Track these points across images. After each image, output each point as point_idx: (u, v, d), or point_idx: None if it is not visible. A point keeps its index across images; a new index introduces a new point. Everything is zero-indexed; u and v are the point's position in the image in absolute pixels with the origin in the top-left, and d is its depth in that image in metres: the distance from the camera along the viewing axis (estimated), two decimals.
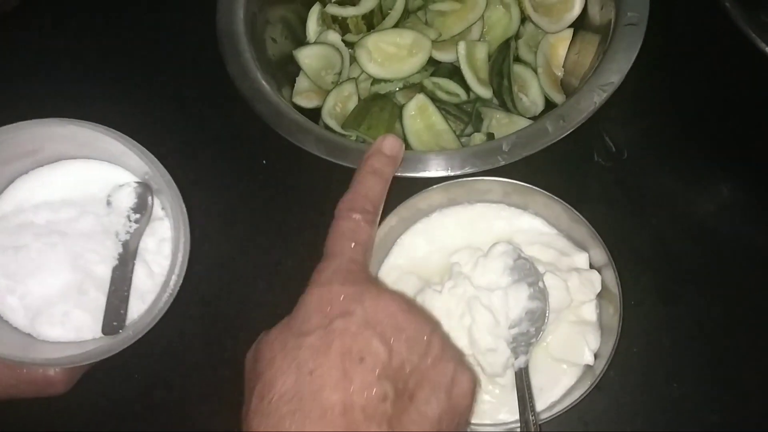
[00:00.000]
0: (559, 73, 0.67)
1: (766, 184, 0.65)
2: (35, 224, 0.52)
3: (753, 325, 0.59)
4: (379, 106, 0.63)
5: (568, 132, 0.53)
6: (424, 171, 0.54)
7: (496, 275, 0.53)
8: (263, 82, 0.59)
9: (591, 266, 0.56)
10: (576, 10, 0.65)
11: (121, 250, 0.52)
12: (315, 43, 0.69)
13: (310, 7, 0.71)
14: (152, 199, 0.55)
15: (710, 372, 0.58)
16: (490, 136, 0.62)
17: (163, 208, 0.56)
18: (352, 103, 0.65)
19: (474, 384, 0.42)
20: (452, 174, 0.54)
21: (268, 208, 0.66)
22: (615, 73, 0.55)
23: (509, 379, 0.52)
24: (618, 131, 0.67)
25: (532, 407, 0.49)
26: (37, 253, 0.50)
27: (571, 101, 0.55)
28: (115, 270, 0.52)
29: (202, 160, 0.69)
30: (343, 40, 0.68)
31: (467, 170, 0.54)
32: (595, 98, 0.54)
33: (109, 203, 0.54)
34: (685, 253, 0.62)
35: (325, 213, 0.65)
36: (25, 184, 0.55)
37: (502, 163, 0.53)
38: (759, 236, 0.62)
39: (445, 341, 0.42)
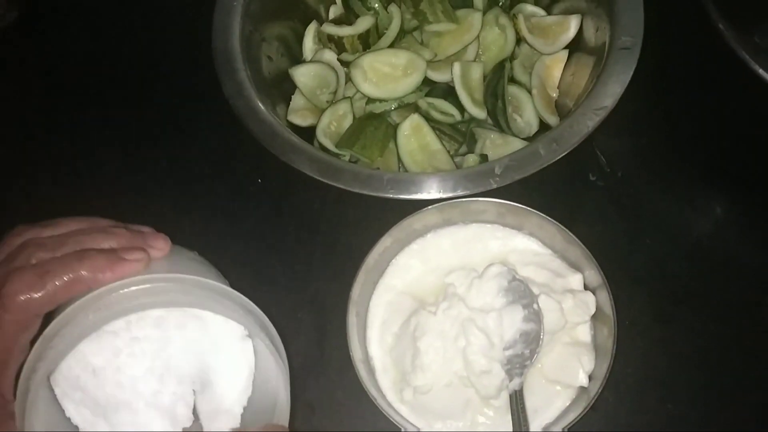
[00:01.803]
0: (554, 95, 0.67)
1: (760, 204, 0.65)
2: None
3: (748, 345, 0.59)
4: (374, 126, 0.63)
5: (561, 156, 0.53)
6: (417, 193, 0.54)
7: (490, 297, 0.53)
8: (258, 101, 0.59)
9: (585, 287, 0.56)
10: (571, 32, 0.65)
11: None
12: (311, 61, 0.69)
13: (306, 25, 0.71)
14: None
15: (705, 392, 0.58)
16: (484, 158, 0.62)
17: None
18: (347, 122, 0.65)
19: None
20: (444, 196, 0.54)
21: (263, 226, 0.66)
22: (608, 97, 0.55)
23: (504, 401, 0.52)
24: (613, 151, 0.67)
25: (527, 429, 0.49)
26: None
27: (564, 124, 0.55)
28: None
29: (198, 177, 0.69)
30: (339, 59, 0.68)
31: (459, 192, 0.54)
32: (588, 122, 0.54)
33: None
34: (680, 273, 0.62)
35: (319, 232, 0.65)
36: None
37: (494, 186, 0.53)
38: (753, 256, 0.63)
39: None
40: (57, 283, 0.39)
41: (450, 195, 0.54)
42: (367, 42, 0.67)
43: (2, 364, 0.39)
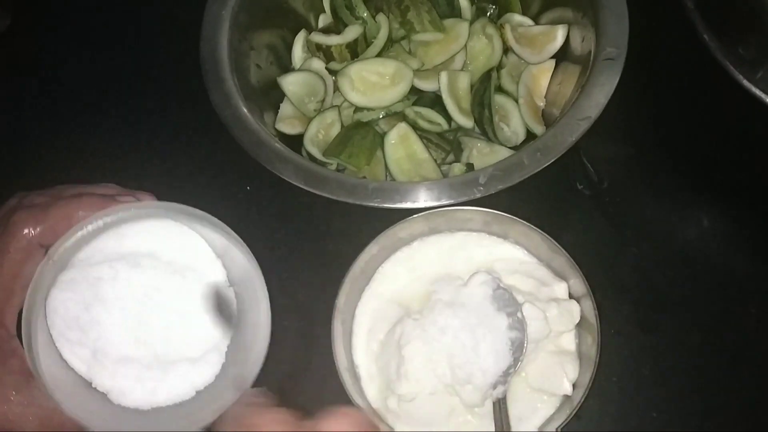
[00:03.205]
0: (541, 104, 0.67)
1: (745, 214, 0.66)
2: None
3: (732, 353, 0.60)
4: (361, 134, 0.63)
5: (545, 166, 0.54)
6: (402, 202, 0.54)
7: (475, 305, 0.53)
8: (245, 110, 0.59)
9: (570, 296, 0.56)
10: (558, 42, 0.66)
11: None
12: (299, 70, 0.70)
13: (295, 34, 0.71)
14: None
15: (690, 401, 0.58)
16: (470, 166, 0.63)
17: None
18: (335, 131, 0.65)
19: None
20: (429, 205, 0.54)
21: (251, 234, 0.65)
22: (592, 107, 0.55)
23: (488, 409, 0.52)
24: (600, 160, 0.67)
25: None
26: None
27: (548, 134, 0.55)
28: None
29: (186, 184, 0.69)
30: (327, 68, 0.68)
31: (444, 201, 0.54)
32: (572, 132, 0.54)
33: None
34: (666, 282, 0.62)
35: (306, 240, 0.65)
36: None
37: (479, 195, 0.53)
38: (739, 266, 0.63)
39: None
40: (58, 215, 0.43)
41: (435, 204, 0.54)
42: (355, 51, 0.67)
43: (7, 292, 0.42)
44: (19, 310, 0.42)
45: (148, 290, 0.45)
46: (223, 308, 0.48)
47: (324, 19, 0.72)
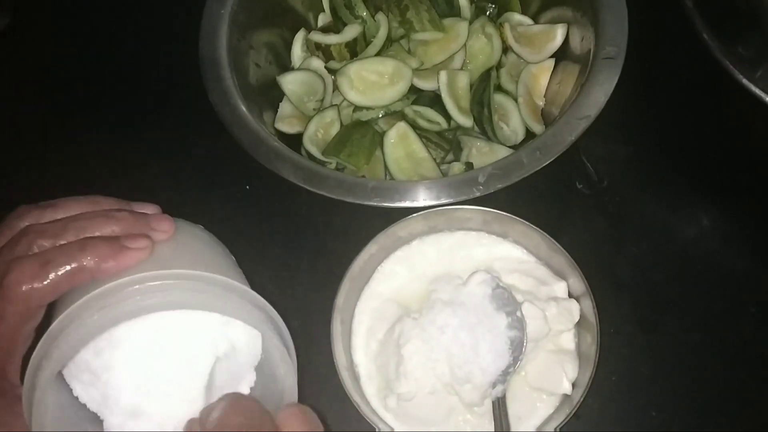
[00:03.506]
0: (541, 103, 0.67)
1: (745, 213, 0.65)
2: None
3: (732, 353, 0.60)
4: (361, 133, 0.63)
5: (544, 165, 0.54)
6: (401, 201, 0.54)
7: (474, 304, 0.53)
8: (244, 109, 0.59)
9: (570, 295, 0.56)
10: (557, 41, 0.66)
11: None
12: (298, 69, 0.69)
13: (294, 33, 0.71)
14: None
15: (689, 400, 0.58)
16: (469, 165, 0.63)
17: None
18: (334, 130, 0.65)
19: None
20: (429, 204, 0.54)
21: (250, 232, 0.66)
22: (592, 106, 0.55)
23: (487, 408, 0.52)
24: (600, 159, 0.67)
25: None
26: None
27: (547, 133, 0.55)
28: None
29: (186, 184, 0.69)
30: (326, 67, 0.68)
31: (443, 200, 0.54)
32: (571, 131, 0.54)
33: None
34: (665, 281, 0.62)
35: (305, 239, 0.65)
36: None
37: (478, 194, 0.53)
38: (738, 265, 0.63)
39: None
40: (59, 273, 0.38)
41: (434, 203, 0.54)
42: (355, 50, 0.67)
43: (6, 353, 0.39)
44: (22, 358, 0.39)
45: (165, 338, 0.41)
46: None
47: (323, 18, 0.72)
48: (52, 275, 0.38)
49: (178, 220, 0.44)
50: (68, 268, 0.38)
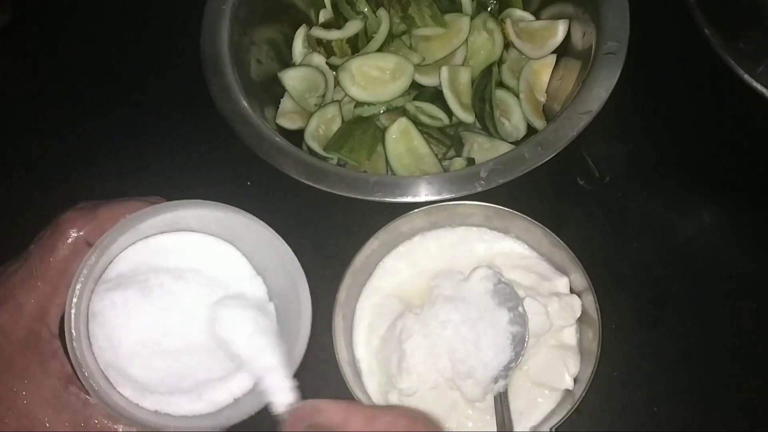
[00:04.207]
0: (542, 99, 0.67)
1: (746, 209, 0.66)
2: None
3: (733, 348, 0.60)
4: (362, 129, 0.63)
5: (546, 159, 0.54)
6: (403, 196, 0.54)
7: (476, 300, 0.53)
8: (245, 104, 0.59)
9: (571, 290, 0.56)
10: (559, 37, 0.66)
11: None
12: (300, 65, 0.69)
13: (296, 29, 0.71)
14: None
15: (690, 395, 0.58)
16: (471, 161, 0.63)
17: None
18: (336, 126, 0.65)
19: None
20: (430, 199, 0.54)
21: None
22: (593, 101, 0.55)
23: (489, 403, 0.52)
24: (601, 155, 0.67)
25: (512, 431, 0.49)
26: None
27: (549, 129, 0.55)
28: None
29: (187, 180, 0.69)
30: (327, 63, 0.68)
31: (445, 195, 0.54)
32: (573, 126, 0.54)
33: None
34: (666, 277, 0.62)
35: (307, 235, 0.65)
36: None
37: (480, 189, 0.53)
38: (739, 261, 0.63)
39: None
40: (106, 215, 0.43)
41: (436, 198, 0.54)
42: (356, 46, 0.67)
43: (54, 289, 0.41)
44: (63, 310, 0.41)
45: (192, 303, 0.45)
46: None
47: (324, 14, 0.72)
48: (99, 219, 0.43)
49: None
50: (114, 211, 0.43)
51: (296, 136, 0.66)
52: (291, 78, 0.67)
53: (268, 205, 0.66)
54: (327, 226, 0.65)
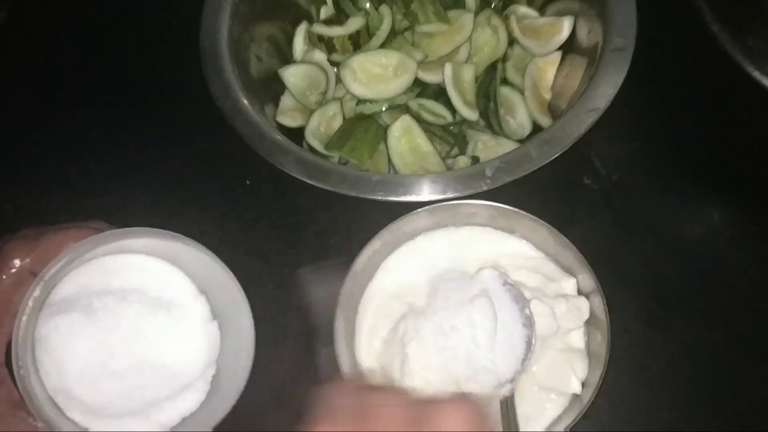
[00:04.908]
0: (547, 96, 0.66)
1: (755, 209, 0.65)
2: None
3: (743, 351, 0.59)
4: (364, 127, 0.62)
5: (553, 158, 0.53)
6: (406, 195, 0.53)
7: (481, 301, 0.52)
8: (245, 102, 0.59)
9: (579, 292, 0.55)
10: (564, 34, 0.65)
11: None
12: (301, 62, 0.69)
13: (296, 26, 0.70)
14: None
15: (700, 399, 0.57)
16: (475, 159, 0.62)
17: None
18: (337, 123, 0.65)
19: None
20: (434, 198, 0.53)
21: (251, 229, 0.65)
22: (601, 99, 0.54)
23: (494, 407, 0.51)
24: (607, 154, 0.66)
25: None
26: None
27: (556, 126, 0.54)
28: None
29: (186, 178, 0.68)
30: (329, 60, 0.67)
31: (449, 194, 0.53)
32: (580, 124, 0.53)
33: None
34: (675, 278, 0.61)
35: (308, 235, 0.64)
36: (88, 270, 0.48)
37: (485, 188, 0.52)
38: (748, 261, 0.62)
39: None
40: (50, 244, 0.44)
41: (440, 197, 0.53)
42: (358, 43, 0.66)
43: None
44: (8, 339, 0.42)
45: (136, 323, 0.46)
46: None
47: (325, 11, 0.71)
48: (42, 248, 0.44)
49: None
50: (57, 239, 0.44)
51: (297, 134, 0.65)
52: (292, 75, 0.66)
53: (268, 204, 0.66)
54: (328, 226, 0.64)
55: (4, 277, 0.42)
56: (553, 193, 0.64)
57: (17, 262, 0.43)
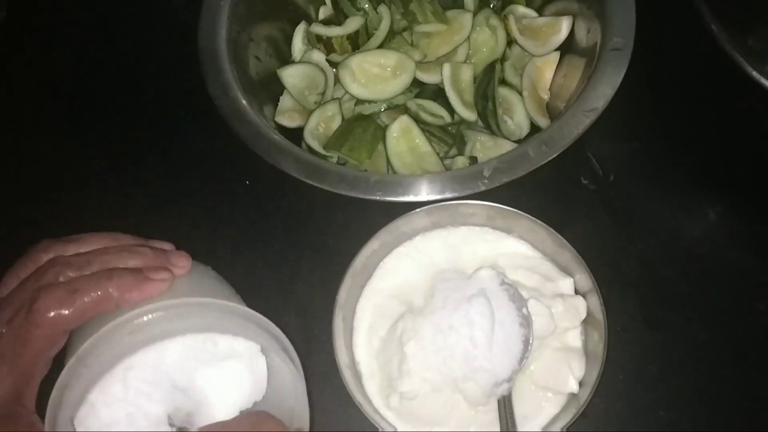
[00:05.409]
0: (546, 97, 0.66)
1: (752, 209, 0.65)
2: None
3: (740, 350, 0.59)
4: (362, 127, 0.62)
5: (551, 158, 0.53)
6: (404, 195, 0.53)
7: (479, 301, 0.52)
8: (244, 102, 0.59)
9: (576, 292, 0.55)
10: (563, 34, 0.65)
11: None
12: (299, 62, 0.69)
13: (295, 26, 0.70)
14: None
15: (697, 398, 0.57)
16: (473, 160, 0.62)
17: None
18: (336, 124, 0.65)
19: None
20: (432, 198, 0.53)
21: (250, 229, 0.65)
22: (599, 99, 0.54)
23: (492, 406, 0.51)
24: (605, 154, 0.66)
25: None
26: None
27: (554, 126, 0.54)
28: None
29: (184, 179, 0.68)
30: (327, 60, 0.67)
31: (448, 195, 0.53)
32: (578, 124, 0.53)
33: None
34: (672, 277, 0.61)
35: (306, 235, 0.65)
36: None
37: (483, 188, 0.52)
38: (745, 261, 0.62)
39: None
40: (86, 300, 0.40)
41: (438, 197, 0.53)
42: (357, 43, 0.66)
43: (27, 377, 0.40)
44: (37, 389, 0.40)
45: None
46: None
47: (324, 11, 0.71)
48: (78, 302, 0.40)
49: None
50: (95, 295, 0.40)
51: (296, 135, 0.65)
52: (290, 75, 0.66)
53: (267, 204, 0.66)
54: (327, 226, 0.64)
55: (33, 339, 0.39)
56: (551, 193, 0.64)
57: (52, 317, 0.39)
